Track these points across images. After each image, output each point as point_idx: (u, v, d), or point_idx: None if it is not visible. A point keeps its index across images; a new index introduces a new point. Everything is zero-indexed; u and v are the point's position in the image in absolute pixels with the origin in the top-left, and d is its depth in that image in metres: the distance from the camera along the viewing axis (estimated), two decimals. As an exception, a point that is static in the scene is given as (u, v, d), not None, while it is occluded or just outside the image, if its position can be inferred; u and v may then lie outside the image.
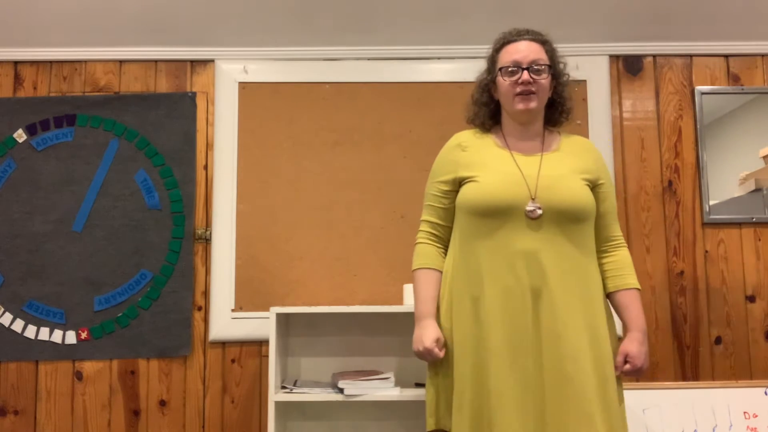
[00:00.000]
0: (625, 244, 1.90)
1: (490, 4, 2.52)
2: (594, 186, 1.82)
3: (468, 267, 1.78)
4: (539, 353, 1.68)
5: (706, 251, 2.67)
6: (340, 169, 2.70)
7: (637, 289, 1.85)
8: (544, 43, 1.85)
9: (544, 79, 1.81)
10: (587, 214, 1.78)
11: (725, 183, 2.70)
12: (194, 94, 2.74)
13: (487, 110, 1.90)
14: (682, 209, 2.70)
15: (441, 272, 1.86)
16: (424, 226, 1.90)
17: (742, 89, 2.75)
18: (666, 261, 2.66)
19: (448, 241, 1.88)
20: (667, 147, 2.73)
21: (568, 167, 1.81)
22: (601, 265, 1.84)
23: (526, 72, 1.78)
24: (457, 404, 1.73)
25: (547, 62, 1.81)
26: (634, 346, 1.78)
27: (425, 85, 2.73)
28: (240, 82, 2.73)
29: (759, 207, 2.68)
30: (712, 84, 2.76)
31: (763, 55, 2.77)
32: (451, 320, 1.79)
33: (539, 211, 1.72)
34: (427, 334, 1.77)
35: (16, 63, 2.75)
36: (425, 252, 1.87)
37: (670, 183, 2.71)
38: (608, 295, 1.84)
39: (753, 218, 2.68)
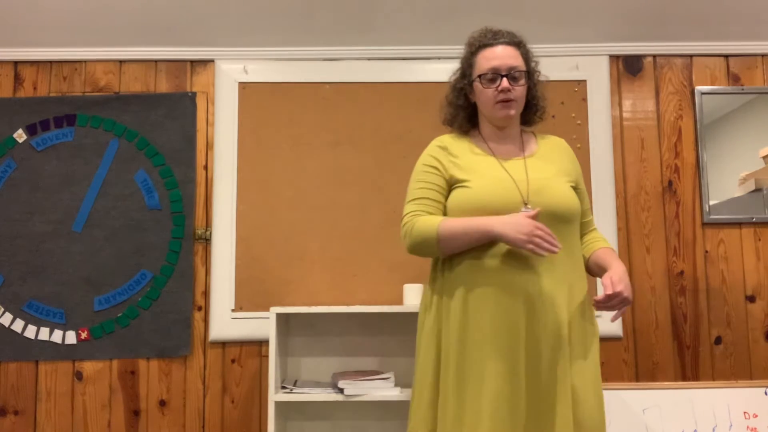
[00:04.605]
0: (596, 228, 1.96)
1: (490, 4, 2.52)
2: (575, 187, 1.84)
3: (458, 274, 1.76)
4: (530, 357, 1.68)
5: (706, 251, 2.67)
6: (340, 169, 2.70)
7: (612, 249, 1.87)
8: (519, 45, 1.85)
9: (522, 86, 1.82)
10: (576, 215, 1.80)
11: (725, 183, 2.70)
12: (194, 94, 2.74)
13: (464, 113, 1.90)
14: (682, 209, 2.70)
15: None
16: (415, 205, 1.80)
17: (742, 89, 2.75)
18: (666, 261, 2.66)
19: None
20: (667, 147, 2.73)
21: (553, 170, 1.82)
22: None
23: (505, 80, 1.78)
24: (441, 413, 1.71)
25: (524, 68, 1.82)
26: (617, 273, 1.72)
27: (425, 85, 2.72)
28: (240, 82, 2.73)
29: (759, 207, 2.68)
30: (712, 84, 2.76)
31: (763, 55, 2.77)
32: (440, 324, 1.78)
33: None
34: (517, 217, 1.66)
35: (16, 63, 2.75)
36: (431, 217, 1.77)
37: (670, 183, 2.71)
38: (586, 262, 1.85)
39: (753, 218, 2.68)
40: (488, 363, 1.67)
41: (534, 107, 1.90)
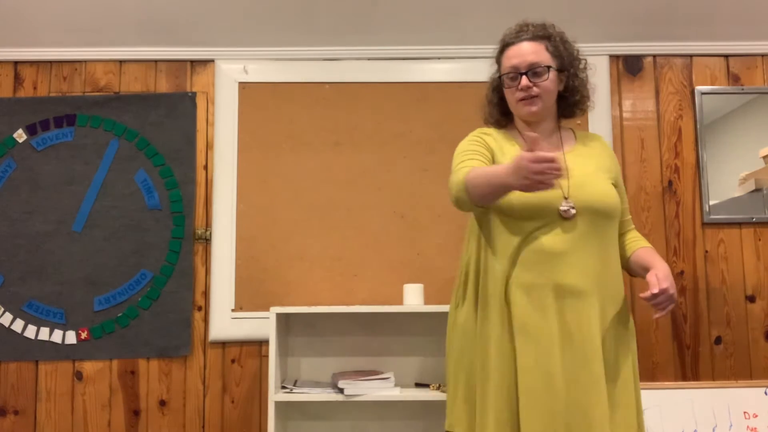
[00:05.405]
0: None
1: (490, 4, 2.52)
2: (614, 185, 1.81)
3: (498, 268, 1.72)
4: (564, 355, 1.65)
5: (706, 251, 2.67)
6: (340, 169, 2.70)
7: (653, 249, 1.83)
8: (547, 38, 1.81)
9: (546, 81, 1.78)
10: (616, 212, 1.77)
11: (725, 183, 2.70)
12: (194, 94, 2.74)
13: (499, 109, 1.89)
14: (682, 209, 2.70)
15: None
16: (469, 162, 1.74)
17: (742, 89, 2.75)
18: (666, 261, 2.65)
19: None
20: (667, 147, 2.73)
21: (593, 166, 1.80)
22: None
23: (524, 77, 1.77)
24: (481, 408, 1.69)
25: (548, 63, 1.78)
26: (661, 271, 1.69)
27: (425, 85, 2.73)
28: (240, 82, 2.73)
29: (759, 207, 2.68)
30: (712, 84, 2.76)
31: (763, 55, 2.77)
32: (477, 319, 1.74)
33: (573, 211, 1.69)
34: (516, 160, 1.48)
35: (16, 63, 2.75)
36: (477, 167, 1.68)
37: (670, 183, 2.71)
38: (626, 262, 1.83)
39: (753, 218, 2.68)
40: (528, 361, 1.64)
41: (570, 99, 1.86)
